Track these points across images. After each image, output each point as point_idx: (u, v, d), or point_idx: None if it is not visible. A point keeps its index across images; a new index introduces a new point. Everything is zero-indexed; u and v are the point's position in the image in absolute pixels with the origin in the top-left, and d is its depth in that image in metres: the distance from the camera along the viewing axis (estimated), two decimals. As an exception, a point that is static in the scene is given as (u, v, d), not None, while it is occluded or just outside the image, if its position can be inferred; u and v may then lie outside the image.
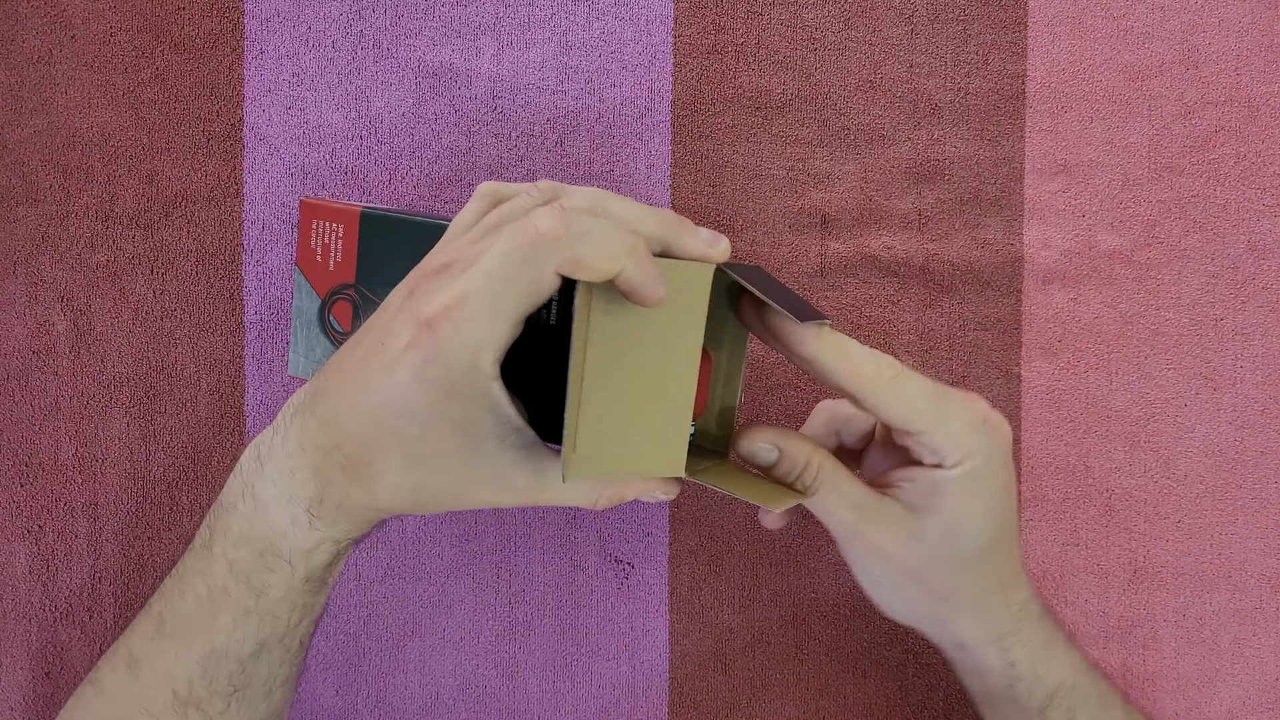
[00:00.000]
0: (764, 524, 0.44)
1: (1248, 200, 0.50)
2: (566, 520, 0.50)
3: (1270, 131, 0.50)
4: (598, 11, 0.49)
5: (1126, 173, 0.50)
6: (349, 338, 0.39)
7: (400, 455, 0.35)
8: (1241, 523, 0.50)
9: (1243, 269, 0.50)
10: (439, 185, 0.49)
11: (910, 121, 0.50)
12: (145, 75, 0.49)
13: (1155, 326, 0.50)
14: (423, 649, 0.50)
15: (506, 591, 0.50)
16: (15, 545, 0.50)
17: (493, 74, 0.49)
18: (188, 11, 0.49)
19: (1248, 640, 0.50)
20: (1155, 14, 0.50)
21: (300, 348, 0.46)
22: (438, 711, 0.50)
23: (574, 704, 0.50)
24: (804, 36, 0.49)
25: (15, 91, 0.49)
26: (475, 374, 0.34)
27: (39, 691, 0.50)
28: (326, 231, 0.45)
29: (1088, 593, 0.50)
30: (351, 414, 0.35)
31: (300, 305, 0.46)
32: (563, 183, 0.37)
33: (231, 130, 0.49)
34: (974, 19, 0.50)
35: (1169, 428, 0.50)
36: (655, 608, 0.50)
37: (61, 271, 0.49)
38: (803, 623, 0.50)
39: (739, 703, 0.50)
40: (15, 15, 0.49)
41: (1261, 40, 0.49)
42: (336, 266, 0.45)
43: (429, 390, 0.34)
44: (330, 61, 0.49)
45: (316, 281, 0.46)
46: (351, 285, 0.45)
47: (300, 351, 0.46)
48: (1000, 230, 0.50)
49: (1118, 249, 0.50)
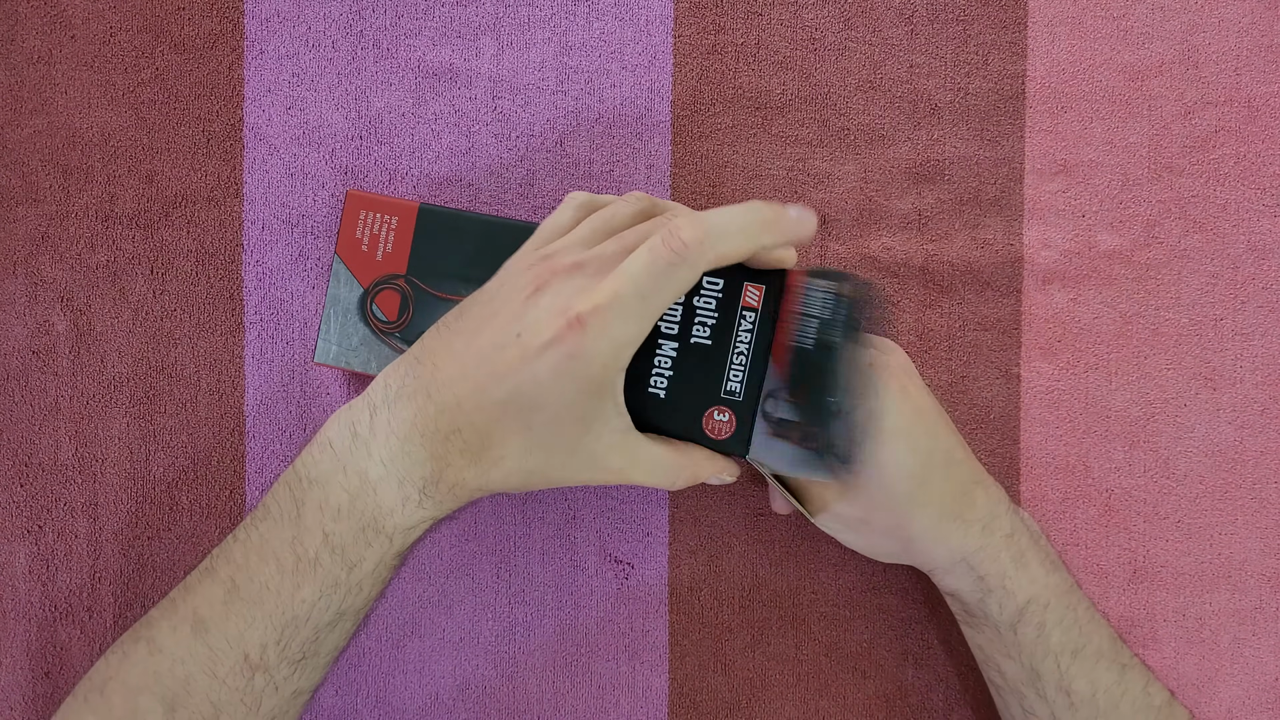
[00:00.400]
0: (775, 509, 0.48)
1: (1248, 200, 0.50)
2: (566, 520, 0.50)
3: (1270, 131, 0.50)
4: (598, 11, 0.49)
5: (1126, 173, 0.50)
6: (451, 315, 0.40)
7: (523, 441, 0.37)
8: (1241, 523, 0.50)
9: (1243, 269, 0.50)
10: (439, 185, 0.49)
11: (910, 121, 0.50)
12: (145, 75, 0.49)
13: (1155, 326, 0.50)
14: (422, 649, 0.50)
15: (506, 591, 0.50)
16: (15, 545, 0.50)
17: (493, 74, 0.49)
18: (188, 11, 0.49)
19: (1248, 640, 0.50)
20: (1155, 14, 0.50)
21: (333, 335, 0.46)
22: (437, 711, 0.50)
23: (574, 704, 0.50)
24: (804, 36, 0.49)
25: (15, 91, 0.49)
26: (614, 369, 0.36)
27: (38, 691, 0.50)
28: (376, 222, 0.46)
29: (1088, 592, 0.50)
30: (477, 402, 0.37)
31: (337, 293, 0.46)
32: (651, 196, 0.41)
33: (231, 130, 0.49)
34: (974, 19, 0.50)
35: (1169, 428, 0.50)
36: (655, 608, 0.50)
37: (61, 271, 0.49)
38: (803, 623, 0.50)
39: (739, 703, 0.50)
40: (15, 15, 0.49)
41: (1261, 40, 0.49)
42: (385, 257, 0.46)
43: (567, 384, 0.36)
44: (330, 61, 0.49)
45: (359, 270, 0.46)
46: (402, 276, 0.46)
47: (332, 339, 0.46)
48: (1000, 230, 0.50)
49: (1118, 249, 0.50)
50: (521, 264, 0.39)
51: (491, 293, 0.39)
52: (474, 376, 0.37)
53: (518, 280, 0.38)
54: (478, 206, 0.49)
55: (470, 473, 0.38)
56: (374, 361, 0.46)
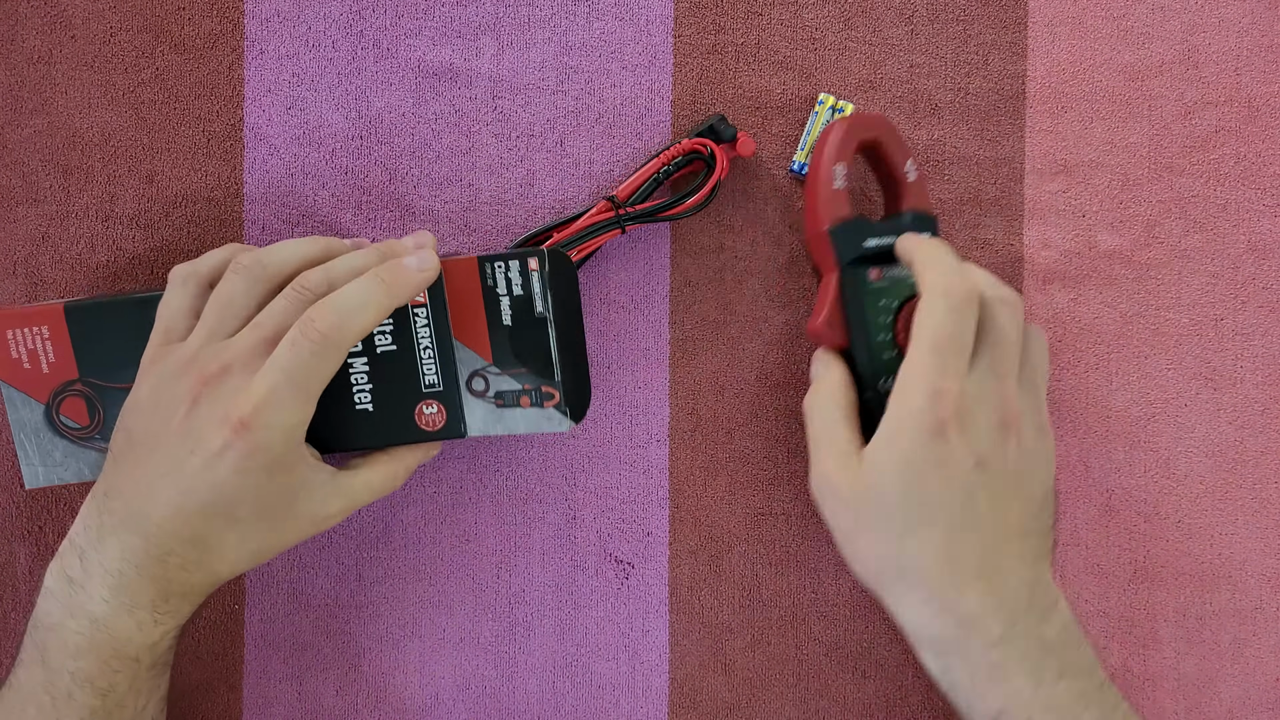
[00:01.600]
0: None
1: (1248, 200, 0.50)
2: (566, 520, 0.50)
3: (1270, 131, 0.50)
4: (598, 11, 0.49)
5: (1126, 173, 0.50)
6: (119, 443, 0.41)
7: (235, 534, 0.40)
8: (1241, 523, 0.50)
9: (1243, 269, 0.50)
10: (439, 185, 0.49)
11: (910, 121, 0.50)
12: (145, 75, 0.49)
13: (1155, 326, 0.50)
14: (422, 649, 0.50)
15: (506, 592, 0.50)
16: (15, 545, 0.50)
17: (493, 74, 0.49)
18: (188, 11, 0.49)
19: (1248, 640, 0.50)
20: (1155, 14, 0.50)
21: (34, 458, 0.45)
22: (437, 711, 0.50)
23: (574, 704, 0.50)
24: (804, 36, 0.49)
25: (15, 91, 0.49)
26: (292, 447, 0.40)
27: (39, 691, 0.50)
28: (28, 337, 0.44)
29: (1088, 593, 0.50)
30: (178, 521, 0.39)
31: (19, 417, 0.45)
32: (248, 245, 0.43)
33: (231, 130, 0.49)
34: (974, 19, 0.50)
35: (1169, 428, 0.50)
36: (655, 608, 0.50)
37: (61, 271, 0.49)
38: (803, 623, 0.50)
39: (739, 703, 0.50)
40: (15, 15, 0.49)
41: (1261, 40, 0.49)
42: (52, 367, 0.44)
43: (252, 477, 0.39)
44: (330, 61, 0.49)
45: (31, 388, 0.44)
46: (78, 380, 0.44)
47: (35, 462, 0.45)
48: (1000, 230, 0.50)
49: (1118, 249, 0.50)
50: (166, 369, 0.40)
51: (147, 409, 0.40)
52: (166, 499, 0.39)
53: (170, 393, 0.40)
54: (478, 206, 0.49)
55: (197, 577, 0.40)
56: (85, 469, 0.45)
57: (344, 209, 0.49)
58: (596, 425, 0.50)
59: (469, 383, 0.44)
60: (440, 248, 0.49)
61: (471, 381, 0.44)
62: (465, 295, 0.43)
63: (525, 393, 0.44)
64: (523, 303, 0.43)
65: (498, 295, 0.43)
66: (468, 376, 0.44)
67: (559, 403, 0.44)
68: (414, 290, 0.41)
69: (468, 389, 0.44)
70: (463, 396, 0.44)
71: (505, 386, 0.44)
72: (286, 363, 0.39)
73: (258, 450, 0.38)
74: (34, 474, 0.45)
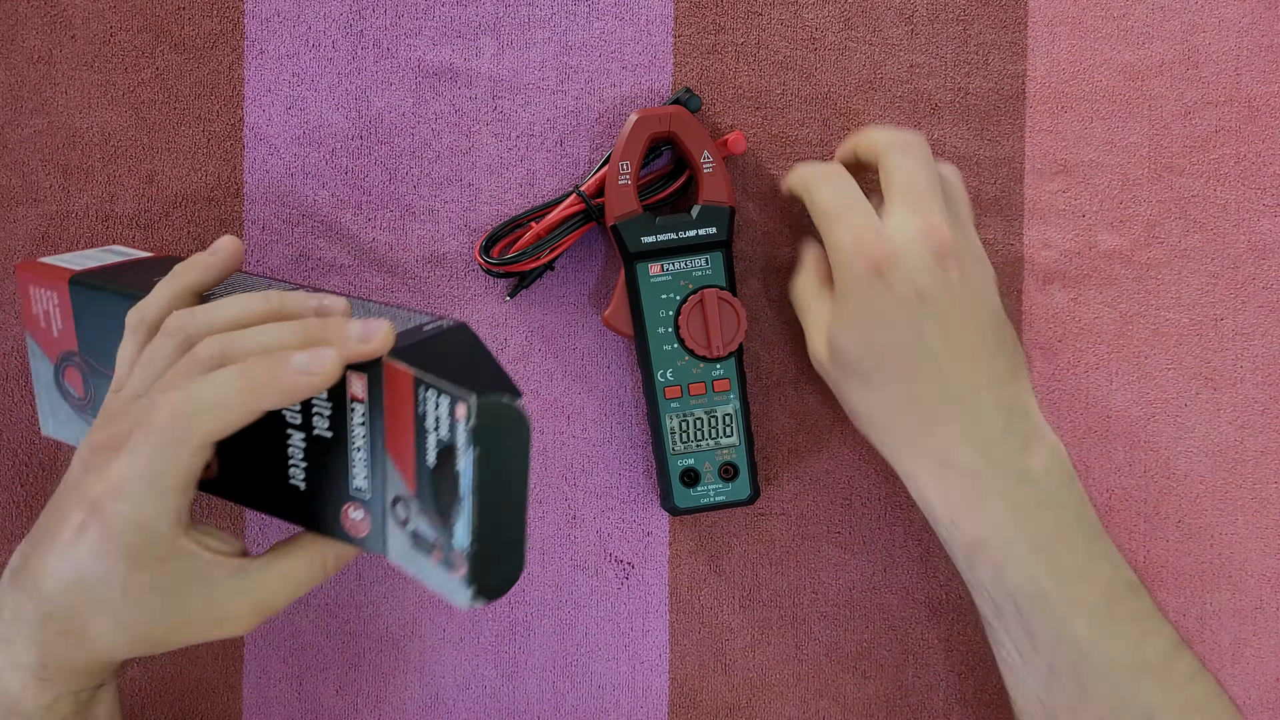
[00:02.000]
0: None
1: (1248, 200, 0.50)
2: (566, 520, 0.50)
3: (1270, 131, 0.50)
4: (598, 11, 0.49)
5: (1126, 173, 0.50)
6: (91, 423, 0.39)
7: (110, 618, 0.36)
8: (1241, 523, 0.50)
9: (1243, 269, 0.50)
10: (439, 185, 0.49)
11: (910, 121, 0.50)
12: (145, 75, 0.49)
13: (1155, 326, 0.50)
14: (423, 649, 0.50)
15: (506, 591, 0.50)
16: (15, 545, 0.50)
17: (493, 74, 0.49)
18: (188, 11, 0.49)
19: (1248, 640, 0.50)
20: (1155, 14, 0.50)
21: (47, 409, 0.45)
22: (438, 711, 0.50)
23: (574, 704, 0.50)
24: (804, 36, 0.49)
25: (15, 91, 0.49)
26: (157, 540, 0.35)
27: (39, 691, 0.50)
28: (43, 298, 0.43)
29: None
30: (54, 585, 0.36)
31: (37, 369, 0.45)
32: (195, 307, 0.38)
33: (231, 130, 0.49)
34: (974, 19, 0.50)
35: (1169, 428, 0.50)
36: (655, 608, 0.50)
37: (61, 271, 0.49)
38: (803, 623, 0.50)
39: (739, 703, 0.50)
40: (15, 15, 0.49)
41: (1261, 40, 0.49)
42: (59, 334, 0.43)
43: (115, 561, 0.35)
44: (330, 61, 0.49)
45: (46, 346, 0.44)
46: (77, 353, 0.43)
47: (48, 412, 0.45)
48: (1000, 230, 0.50)
49: (1118, 249, 0.50)
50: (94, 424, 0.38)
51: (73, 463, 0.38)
52: (47, 560, 0.37)
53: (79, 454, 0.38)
54: (478, 206, 0.49)
55: (75, 652, 0.37)
56: (79, 438, 0.44)
57: (344, 209, 0.49)
58: (596, 425, 0.50)
59: (393, 505, 0.37)
60: (440, 248, 0.49)
61: (396, 506, 0.37)
62: (400, 410, 0.35)
63: (437, 546, 0.35)
64: (446, 451, 0.34)
65: (425, 429, 0.35)
66: (393, 498, 0.37)
67: (464, 576, 0.34)
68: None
69: (391, 511, 0.37)
70: (386, 516, 0.37)
71: (422, 528, 0.36)
72: (138, 453, 0.35)
73: (112, 537, 0.35)
74: (47, 423, 0.46)
